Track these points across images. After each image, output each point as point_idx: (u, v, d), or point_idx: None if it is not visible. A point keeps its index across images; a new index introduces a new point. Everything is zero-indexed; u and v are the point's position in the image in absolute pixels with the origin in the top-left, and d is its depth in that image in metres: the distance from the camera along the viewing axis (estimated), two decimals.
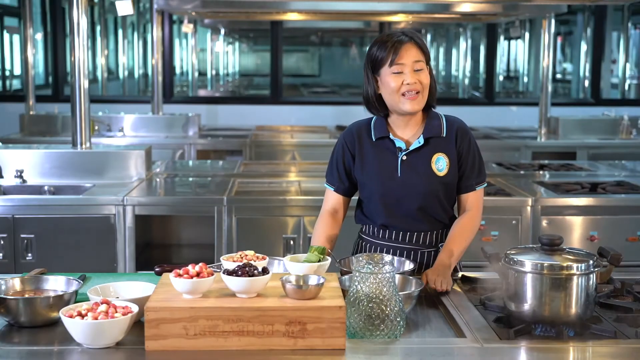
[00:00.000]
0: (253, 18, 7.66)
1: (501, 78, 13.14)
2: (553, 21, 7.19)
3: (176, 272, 1.98)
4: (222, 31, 13.31)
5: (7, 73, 10.08)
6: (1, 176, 4.59)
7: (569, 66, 13.57)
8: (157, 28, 7.35)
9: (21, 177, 4.53)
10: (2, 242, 4.11)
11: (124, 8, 4.96)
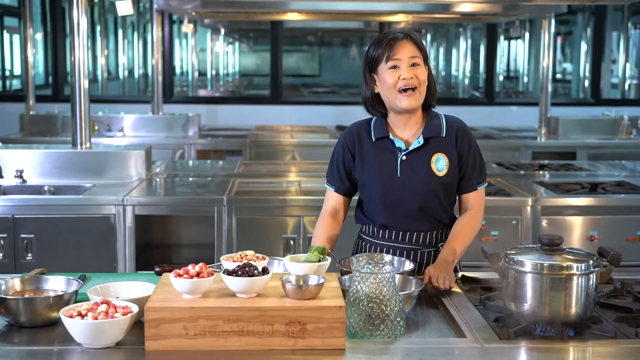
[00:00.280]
0: (253, 18, 7.66)
1: (501, 78, 13.14)
2: (553, 21, 7.19)
3: (176, 272, 1.98)
4: (222, 31, 13.31)
5: (7, 73, 10.08)
6: (1, 176, 4.59)
7: (569, 66, 13.57)
8: (157, 28, 7.35)
9: (21, 177, 4.54)
10: (2, 242, 4.11)
11: (124, 8, 4.96)
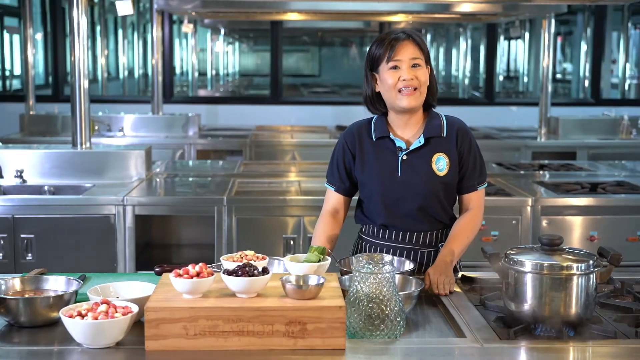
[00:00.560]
0: (253, 18, 7.66)
1: (501, 78, 13.14)
2: (553, 21, 7.19)
3: (176, 272, 1.98)
4: (222, 31, 13.31)
5: (7, 73, 10.08)
6: (1, 176, 4.59)
7: (569, 66, 13.57)
8: (157, 28, 7.35)
9: (21, 177, 4.54)
10: (2, 242, 4.11)
11: (124, 8, 4.96)
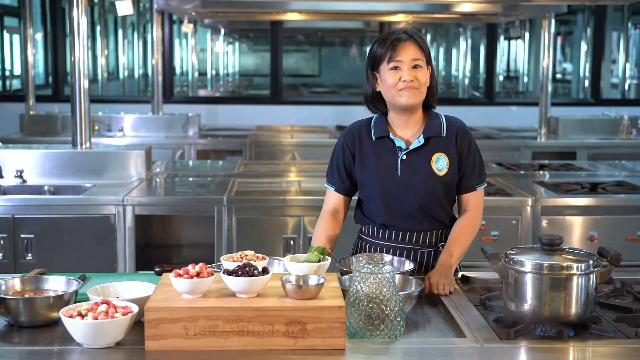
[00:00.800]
0: (253, 18, 7.67)
1: (501, 78, 13.14)
2: (553, 21, 7.19)
3: (176, 272, 1.98)
4: (222, 31, 13.31)
5: (7, 73, 10.08)
6: (1, 176, 4.59)
7: (569, 66, 13.57)
8: (157, 28, 7.35)
9: (21, 177, 4.54)
10: (2, 242, 4.11)
11: (124, 8, 4.96)
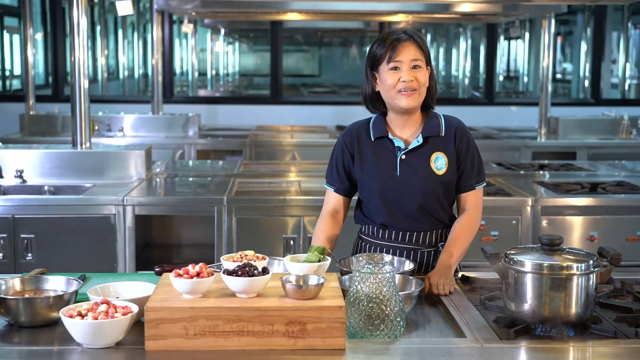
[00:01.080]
0: (253, 18, 7.66)
1: (501, 78, 13.14)
2: (553, 21, 7.19)
3: (176, 272, 1.98)
4: (222, 31, 13.31)
5: (7, 73, 10.08)
6: (1, 176, 4.59)
7: (569, 66, 13.57)
8: (157, 28, 7.35)
9: (21, 177, 4.54)
10: (2, 242, 4.11)
11: (124, 8, 4.95)
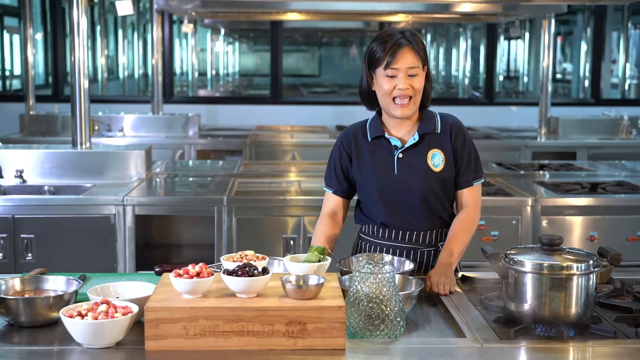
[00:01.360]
0: (253, 18, 7.66)
1: (501, 78, 13.14)
2: (553, 21, 7.19)
3: (176, 272, 1.98)
4: (222, 31, 13.31)
5: (7, 73, 10.08)
6: (1, 176, 4.59)
7: (569, 66, 13.57)
8: (157, 28, 7.35)
9: (21, 177, 4.53)
10: (2, 242, 4.11)
11: (124, 8, 4.96)
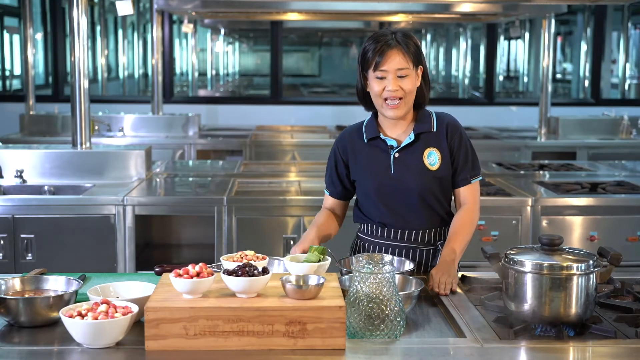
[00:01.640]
0: (253, 18, 7.66)
1: (501, 78, 13.14)
2: (553, 21, 7.19)
3: (176, 272, 1.98)
4: (222, 31, 13.31)
5: (7, 73, 10.08)
6: (1, 176, 4.59)
7: (569, 66, 13.57)
8: (157, 28, 7.35)
9: (21, 177, 4.53)
10: (2, 242, 4.11)
11: (124, 8, 4.95)
